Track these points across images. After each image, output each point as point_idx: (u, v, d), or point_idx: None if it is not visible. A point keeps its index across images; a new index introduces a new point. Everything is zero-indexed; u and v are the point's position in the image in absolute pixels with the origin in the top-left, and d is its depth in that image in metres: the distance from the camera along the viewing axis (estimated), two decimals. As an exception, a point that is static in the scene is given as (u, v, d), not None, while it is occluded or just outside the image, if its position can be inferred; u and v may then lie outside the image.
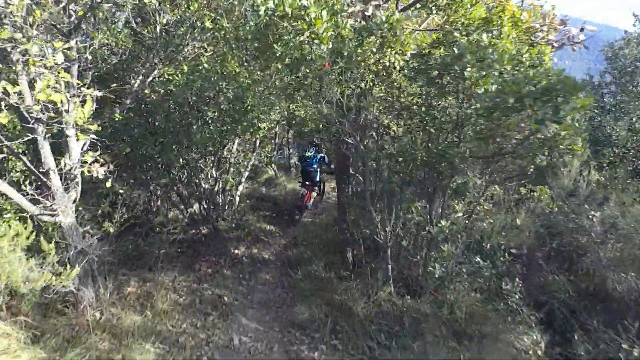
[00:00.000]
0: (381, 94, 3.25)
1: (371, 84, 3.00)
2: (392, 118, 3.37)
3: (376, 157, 3.53)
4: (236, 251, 5.45)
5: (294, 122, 6.00)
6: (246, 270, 4.95)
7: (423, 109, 3.09)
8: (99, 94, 2.76)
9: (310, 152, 6.59)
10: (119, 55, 4.22)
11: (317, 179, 6.74)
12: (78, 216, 3.78)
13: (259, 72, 4.42)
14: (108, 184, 3.06)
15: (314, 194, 7.07)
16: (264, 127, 4.23)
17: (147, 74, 3.47)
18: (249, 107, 3.75)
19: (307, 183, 6.64)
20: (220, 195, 5.72)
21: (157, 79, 3.63)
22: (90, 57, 4.34)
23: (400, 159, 3.50)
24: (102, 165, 3.16)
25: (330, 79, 2.67)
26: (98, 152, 3.18)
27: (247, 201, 6.30)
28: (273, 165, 8.84)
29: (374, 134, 3.44)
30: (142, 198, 4.77)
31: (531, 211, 4.27)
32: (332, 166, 6.58)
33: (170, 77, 3.57)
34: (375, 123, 3.33)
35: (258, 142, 6.31)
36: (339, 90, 2.73)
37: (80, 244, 3.39)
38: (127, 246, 4.34)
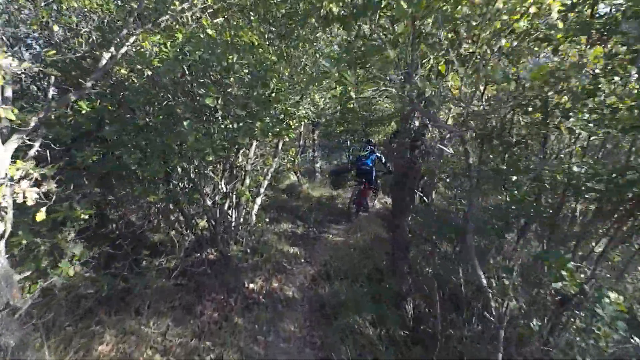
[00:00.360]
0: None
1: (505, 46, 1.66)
2: (510, 110, 2.01)
3: (476, 172, 2.17)
4: (251, 285, 4.21)
5: (349, 116, 4.63)
6: (263, 316, 3.70)
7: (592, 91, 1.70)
8: (12, 63, 1.54)
9: (366, 151, 6.78)
10: (95, 23, 3.05)
11: (373, 177, 6.93)
12: (23, 252, 2.62)
13: (285, 50, 3.15)
14: (40, 216, 1.85)
15: (370, 193, 7.34)
16: (294, 126, 2.93)
17: (121, 44, 2.27)
18: (275, 94, 2.47)
19: (363, 181, 6.82)
20: (233, 212, 4.49)
21: (135, 50, 2.40)
22: (57, 29, 3.21)
23: (515, 179, 2.14)
24: (37, 185, 1.95)
25: (429, 33, 1.38)
26: (32, 162, 1.98)
27: (267, 220, 5.03)
28: (297, 170, 7.59)
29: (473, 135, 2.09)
30: (126, 220, 3.60)
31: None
32: (391, 168, 6.82)
33: (156, 49, 2.34)
34: (494, 117, 1.97)
35: (281, 144, 5.03)
36: (443, 54, 1.44)
37: (12, 300, 2.22)
38: (103, 286, 3.16)
